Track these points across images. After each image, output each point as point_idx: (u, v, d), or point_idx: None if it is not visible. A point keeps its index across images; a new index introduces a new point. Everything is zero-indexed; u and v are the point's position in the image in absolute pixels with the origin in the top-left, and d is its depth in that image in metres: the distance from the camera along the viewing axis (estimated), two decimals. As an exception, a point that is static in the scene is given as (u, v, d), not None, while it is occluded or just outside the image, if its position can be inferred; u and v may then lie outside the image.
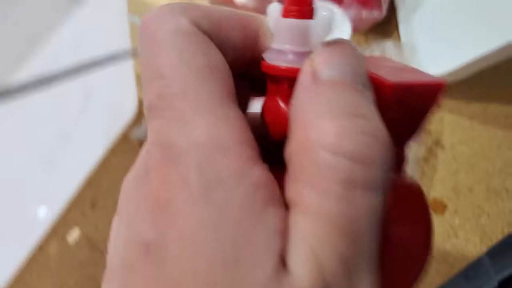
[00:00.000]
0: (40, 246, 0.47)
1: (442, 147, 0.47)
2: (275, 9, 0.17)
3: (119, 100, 0.47)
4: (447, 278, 0.40)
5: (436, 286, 0.41)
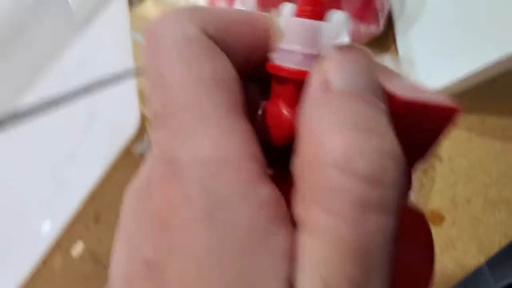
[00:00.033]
0: (44, 261, 0.47)
1: (440, 159, 0.47)
2: (288, 8, 0.17)
3: (121, 115, 0.47)
4: (446, 289, 0.41)
5: (436, 298, 0.41)
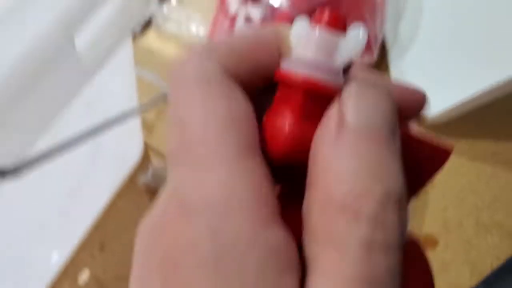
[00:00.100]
0: (52, 289, 0.49)
1: (431, 183, 0.48)
2: (303, 20, 0.17)
3: (125, 145, 0.49)
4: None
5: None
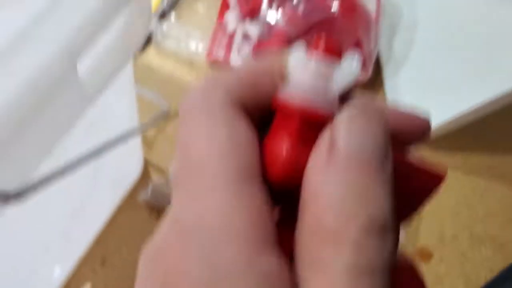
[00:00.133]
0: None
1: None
2: (300, 47, 0.17)
3: (125, 161, 0.49)
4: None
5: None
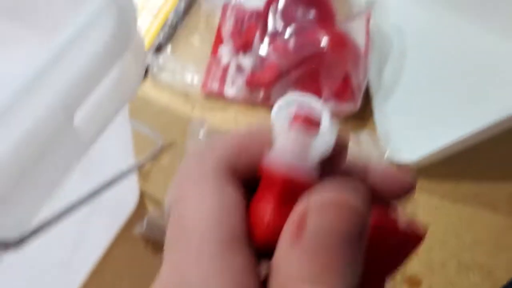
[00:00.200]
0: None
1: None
2: (283, 117, 0.18)
3: (121, 193, 0.50)
4: None
5: None
